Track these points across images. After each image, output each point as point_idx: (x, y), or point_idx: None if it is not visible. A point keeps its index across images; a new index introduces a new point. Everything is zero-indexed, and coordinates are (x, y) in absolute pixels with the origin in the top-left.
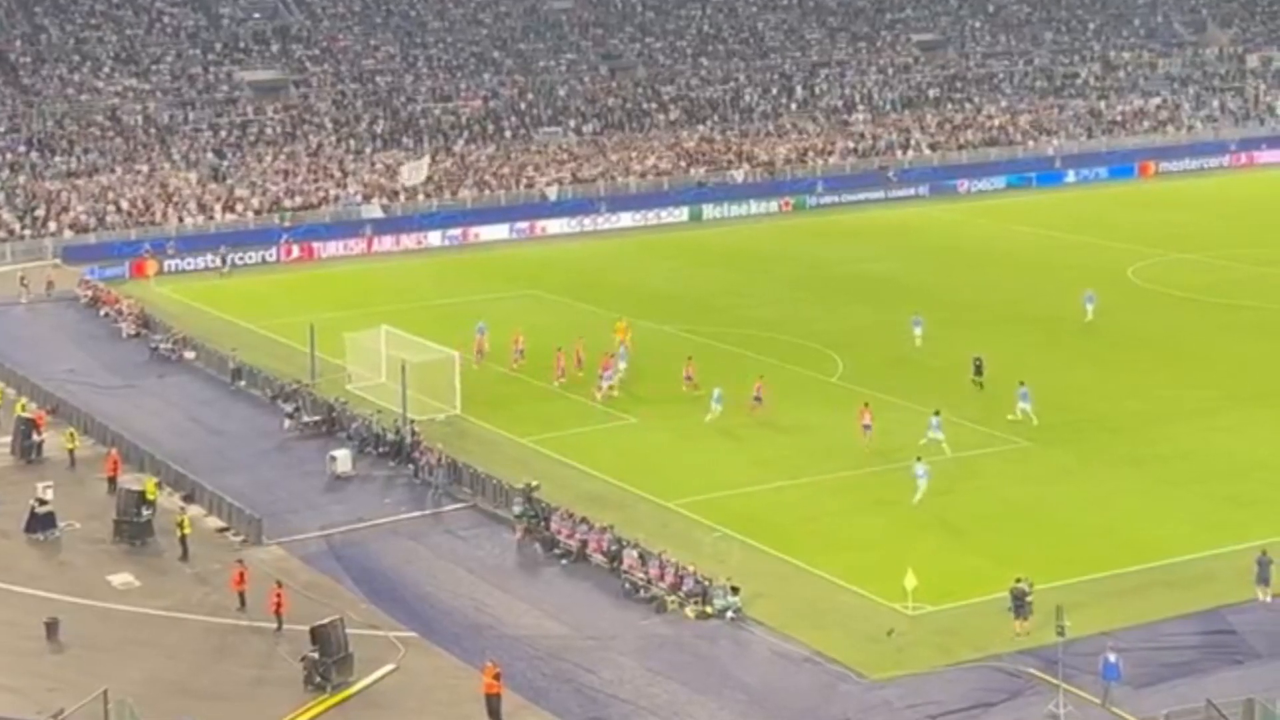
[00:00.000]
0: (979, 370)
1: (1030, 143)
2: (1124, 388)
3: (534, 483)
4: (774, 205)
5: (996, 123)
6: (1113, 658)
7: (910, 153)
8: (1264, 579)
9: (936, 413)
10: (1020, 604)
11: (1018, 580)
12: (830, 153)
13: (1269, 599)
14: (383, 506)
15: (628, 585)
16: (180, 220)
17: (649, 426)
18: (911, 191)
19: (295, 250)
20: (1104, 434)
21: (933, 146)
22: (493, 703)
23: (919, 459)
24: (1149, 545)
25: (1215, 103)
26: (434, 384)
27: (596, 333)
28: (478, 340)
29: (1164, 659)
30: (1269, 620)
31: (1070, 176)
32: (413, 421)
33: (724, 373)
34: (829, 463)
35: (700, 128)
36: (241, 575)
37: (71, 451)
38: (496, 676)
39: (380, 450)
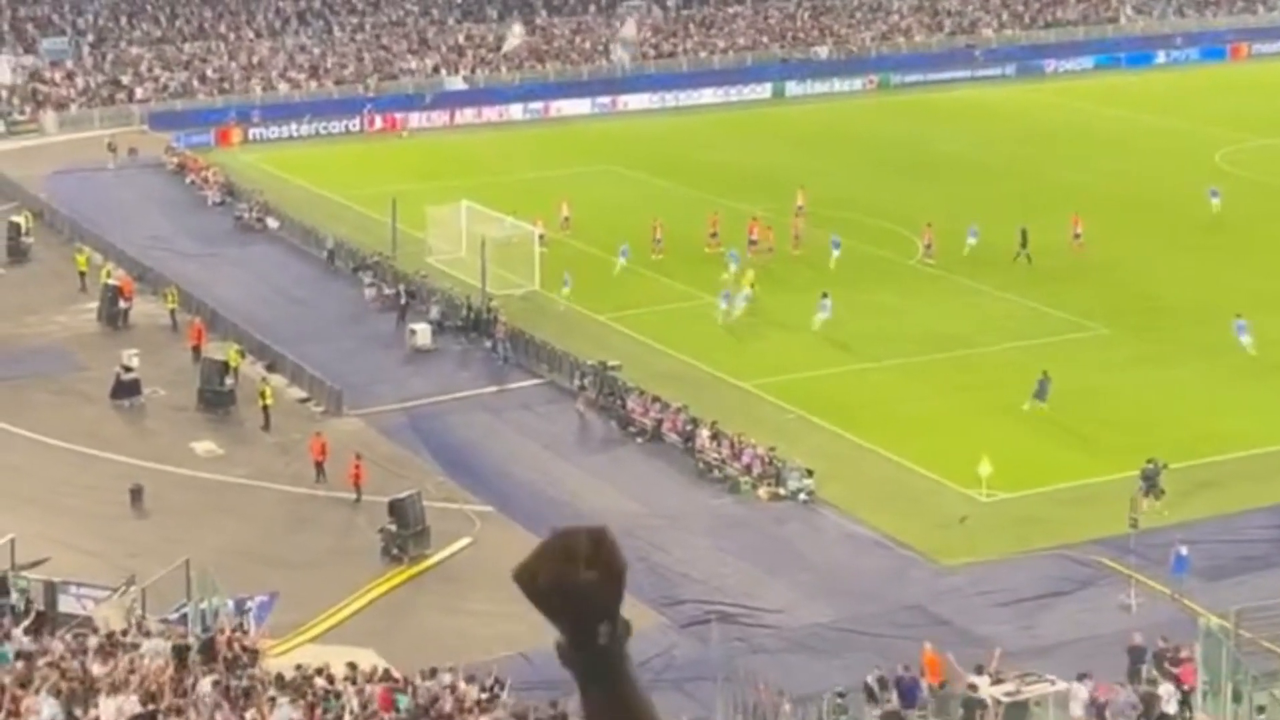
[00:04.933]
0: (1024, 242)
1: (1121, 21)
2: (1208, 276)
3: (613, 362)
4: (858, 83)
5: (1086, 1)
6: (1183, 550)
7: (998, 30)
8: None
9: (825, 294)
10: (1151, 483)
11: (1149, 461)
12: (917, 31)
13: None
14: (461, 380)
15: (701, 465)
16: (265, 89)
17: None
18: (998, 71)
19: (378, 121)
20: (1186, 324)
21: (1021, 24)
22: None
23: (825, 294)
24: (1227, 437)
25: None
26: (513, 259)
27: (675, 210)
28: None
29: (1238, 552)
30: None
31: (1160, 57)
32: (491, 297)
33: (799, 254)
34: (907, 346)
35: (784, 4)
36: (322, 446)
37: (173, 311)
38: None
39: (459, 324)
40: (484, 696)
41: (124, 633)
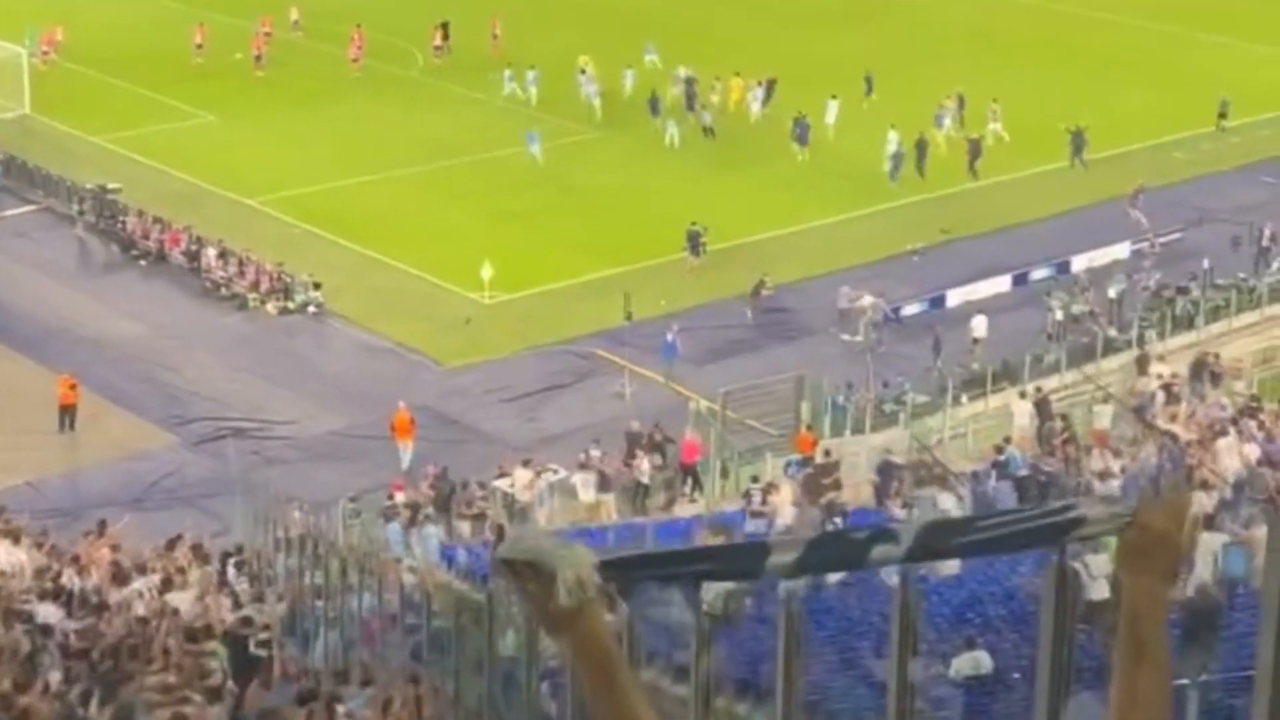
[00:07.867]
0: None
1: None
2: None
3: (113, 185)
4: None
5: None
6: (670, 337)
7: None
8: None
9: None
10: (695, 244)
11: (693, 224)
12: None
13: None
14: None
15: (208, 284)
16: None
17: (229, 124)
18: None
19: None
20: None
21: None
22: (67, 413)
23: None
24: (713, 226)
25: None
26: (2, 81)
27: (164, 27)
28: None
29: (724, 336)
30: (816, 300)
31: None
32: None
33: (295, 63)
34: (408, 157)
35: None
36: None
37: None
38: (72, 387)
39: None
40: None
41: None
